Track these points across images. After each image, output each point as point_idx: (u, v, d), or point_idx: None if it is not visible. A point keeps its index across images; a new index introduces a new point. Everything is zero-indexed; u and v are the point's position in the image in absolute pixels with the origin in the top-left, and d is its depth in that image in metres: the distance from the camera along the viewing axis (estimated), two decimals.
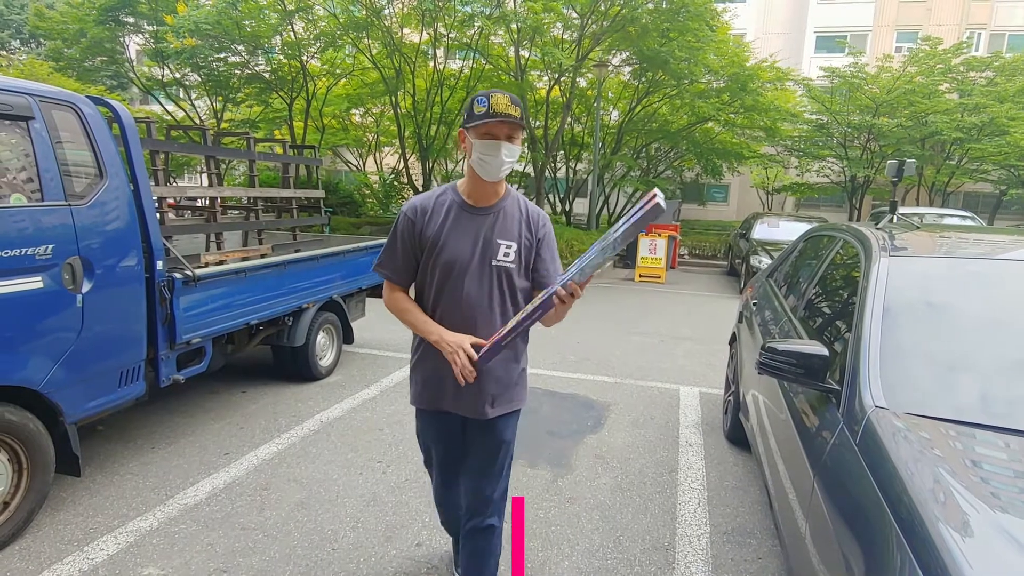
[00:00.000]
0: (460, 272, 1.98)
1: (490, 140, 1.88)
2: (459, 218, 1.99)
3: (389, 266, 2.08)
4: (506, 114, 1.84)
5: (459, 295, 1.99)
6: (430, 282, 2.03)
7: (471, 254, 1.98)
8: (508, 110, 1.85)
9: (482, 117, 1.85)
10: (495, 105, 1.85)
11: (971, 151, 17.26)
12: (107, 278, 3.05)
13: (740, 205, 26.59)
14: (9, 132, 2.70)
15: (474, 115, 1.87)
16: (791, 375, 2.12)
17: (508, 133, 1.89)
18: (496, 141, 1.88)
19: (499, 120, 1.85)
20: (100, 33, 14.65)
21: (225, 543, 2.81)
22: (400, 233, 2.03)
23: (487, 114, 1.84)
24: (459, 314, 1.99)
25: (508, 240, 2.00)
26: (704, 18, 12.49)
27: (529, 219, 2.07)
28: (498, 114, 1.84)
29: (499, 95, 1.87)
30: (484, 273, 1.99)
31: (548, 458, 3.83)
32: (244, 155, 5.33)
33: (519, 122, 1.88)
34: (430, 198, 2.03)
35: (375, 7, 12.91)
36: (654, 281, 12.18)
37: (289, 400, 4.66)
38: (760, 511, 3.28)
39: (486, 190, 2.00)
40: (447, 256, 1.97)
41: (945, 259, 2.62)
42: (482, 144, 1.89)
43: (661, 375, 5.69)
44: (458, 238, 1.98)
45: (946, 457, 1.65)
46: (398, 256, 2.06)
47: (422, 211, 2.01)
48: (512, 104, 1.86)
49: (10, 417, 2.66)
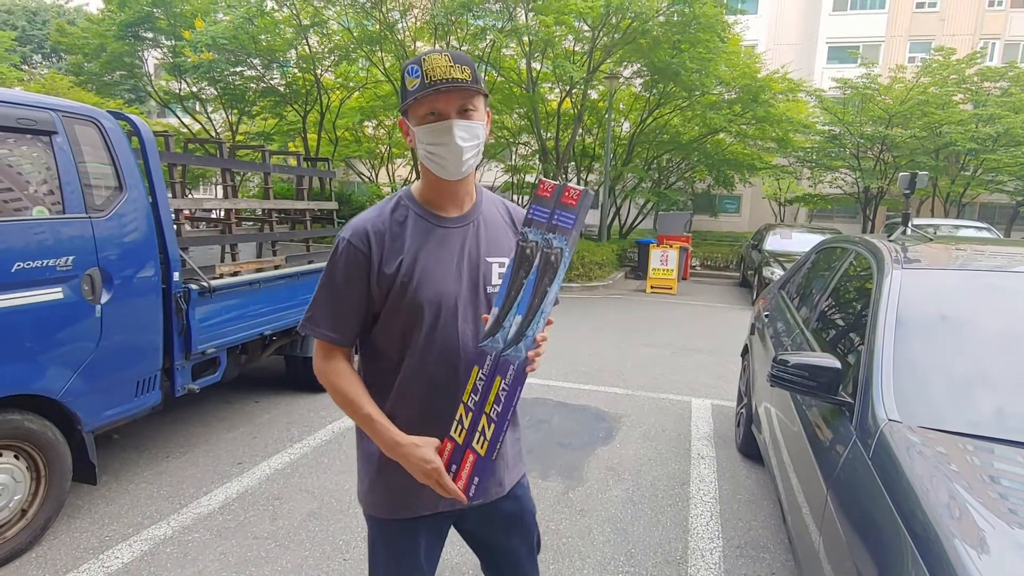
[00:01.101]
0: (448, 313, 1.39)
1: (435, 121, 1.33)
2: (429, 236, 1.41)
3: (326, 322, 1.41)
4: (449, 79, 1.28)
5: (452, 345, 1.40)
6: (402, 334, 1.41)
7: (457, 284, 1.41)
8: (451, 73, 1.29)
9: (417, 91, 1.30)
10: (431, 70, 1.29)
11: (986, 162, 17.11)
12: (125, 289, 3.10)
13: (752, 216, 26.48)
14: (33, 146, 2.76)
15: (408, 93, 1.33)
16: (803, 388, 2.11)
17: (460, 105, 1.33)
18: (444, 121, 1.32)
19: (440, 90, 1.29)
20: (120, 48, 14.93)
21: (238, 552, 2.83)
22: (344, 272, 1.39)
23: (422, 85, 1.29)
24: (452, 374, 1.40)
25: (500, 257, 1.46)
26: (715, 30, 12.52)
27: (515, 224, 1.54)
28: (437, 81, 1.28)
29: (434, 55, 1.31)
30: (479, 307, 1.43)
31: (559, 470, 3.82)
32: (259, 168, 5.41)
33: (471, 86, 1.31)
34: (382, 216, 1.42)
35: (388, 22, 13.07)
36: (666, 292, 12.15)
37: (302, 410, 4.69)
38: (773, 525, 3.25)
39: (452, 193, 1.44)
40: (428, 293, 1.37)
41: (959, 271, 2.61)
42: (426, 130, 1.33)
43: (673, 387, 5.67)
44: (436, 265, 1.40)
45: (961, 471, 1.64)
46: (342, 306, 1.41)
47: (376, 236, 1.39)
48: (455, 63, 1.30)
49: (30, 426, 2.71)
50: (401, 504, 1.46)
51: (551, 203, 1.28)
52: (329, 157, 11.17)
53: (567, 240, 1.26)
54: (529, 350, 1.28)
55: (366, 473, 1.50)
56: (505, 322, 1.29)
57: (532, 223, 1.29)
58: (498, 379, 1.28)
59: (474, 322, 1.42)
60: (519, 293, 1.28)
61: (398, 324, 1.40)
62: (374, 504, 1.49)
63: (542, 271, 1.27)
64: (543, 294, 1.27)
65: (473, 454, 1.31)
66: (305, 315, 1.45)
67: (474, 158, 1.39)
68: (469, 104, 1.34)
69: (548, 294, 1.27)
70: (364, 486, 1.51)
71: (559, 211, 1.27)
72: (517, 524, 1.62)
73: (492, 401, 1.29)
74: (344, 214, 15.70)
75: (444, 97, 1.31)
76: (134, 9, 13.96)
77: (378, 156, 21.06)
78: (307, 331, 1.43)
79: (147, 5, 13.90)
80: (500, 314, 1.29)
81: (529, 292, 1.27)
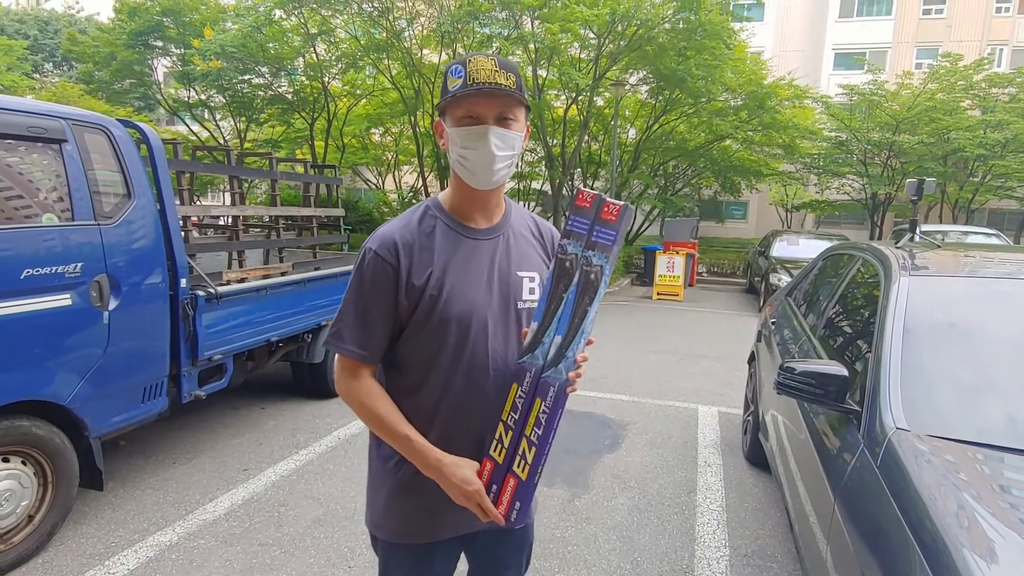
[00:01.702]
0: (479, 328, 1.33)
1: (472, 125, 1.27)
2: (458, 248, 1.35)
3: (354, 338, 1.33)
4: (492, 83, 1.24)
5: (481, 362, 1.33)
6: (429, 350, 1.34)
7: (487, 299, 1.34)
8: (496, 78, 1.24)
9: (458, 91, 1.26)
10: (475, 72, 1.24)
11: (995, 168, 17.02)
12: (133, 295, 3.12)
13: (759, 222, 26.40)
14: (43, 154, 2.79)
15: (448, 91, 1.28)
16: (810, 396, 2.10)
17: (500, 111, 1.28)
18: (481, 125, 1.27)
19: (482, 92, 1.24)
20: (129, 56, 15.08)
21: (243, 559, 2.83)
22: (371, 285, 1.32)
23: (464, 86, 1.24)
24: (480, 392, 1.33)
25: (529, 271, 1.41)
26: (721, 37, 12.53)
27: (543, 238, 1.50)
28: (480, 83, 1.24)
29: (481, 58, 1.26)
30: (509, 323, 1.37)
31: (565, 477, 3.81)
32: (267, 175, 5.43)
33: (514, 94, 1.26)
34: (409, 226, 1.35)
35: (395, 30, 13.15)
36: (672, 299, 12.12)
37: (307, 417, 4.70)
38: (781, 533, 3.22)
39: (483, 203, 1.38)
40: (458, 307, 1.31)
41: (967, 278, 2.59)
42: (461, 133, 1.28)
43: (679, 394, 5.64)
44: (466, 278, 1.33)
45: (969, 481, 1.63)
46: (370, 320, 1.33)
47: (405, 247, 1.32)
48: (501, 68, 1.25)
49: (37, 431, 2.73)
50: (419, 530, 1.40)
51: (591, 214, 1.23)
52: (336, 164, 11.22)
53: (607, 258, 1.21)
54: (569, 371, 1.22)
55: (383, 497, 1.42)
56: (544, 338, 1.24)
57: (571, 235, 1.24)
58: (538, 401, 1.24)
59: (504, 339, 1.36)
60: (559, 307, 1.24)
61: (425, 339, 1.33)
62: (391, 529, 1.42)
63: (582, 289, 1.22)
64: (583, 314, 1.22)
65: (514, 478, 1.26)
66: (330, 331, 1.37)
67: (507, 169, 1.33)
68: (509, 112, 1.29)
69: (588, 314, 1.22)
70: (377, 511, 1.44)
71: (598, 227, 1.22)
72: (523, 544, 1.59)
73: (532, 424, 1.24)
74: (351, 221, 15.80)
75: (484, 101, 1.26)
76: (144, 18, 14.13)
77: (385, 163, 21.15)
78: (333, 347, 1.35)
79: (157, 14, 14.07)
80: (539, 329, 1.25)
81: (569, 310, 1.23)
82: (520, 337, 1.35)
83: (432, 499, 1.35)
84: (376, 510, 1.44)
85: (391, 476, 1.40)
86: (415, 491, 1.37)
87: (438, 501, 1.34)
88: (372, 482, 1.46)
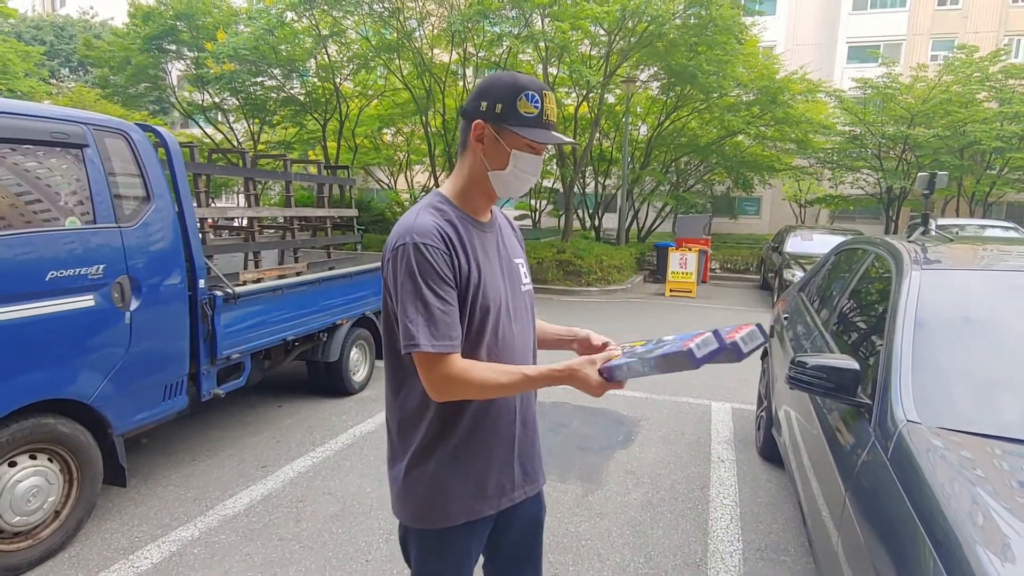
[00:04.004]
0: (503, 312, 1.45)
1: (533, 154, 1.42)
2: (476, 238, 1.44)
3: (445, 331, 1.32)
4: (555, 121, 1.42)
5: (509, 342, 1.47)
6: (469, 333, 1.40)
7: (503, 284, 1.47)
8: (554, 116, 1.42)
9: (533, 124, 1.37)
10: (549, 109, 1.39)
11: (1012, 160, 16.79)
12: (153, 296, 3.18)
13: (773, 218, 26.22)
14: (65, 159, 2.86)
15: (520, 116, 1.37)
16: (822, 389, 2.11)
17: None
18: (539, 156, 1.44)
19: (551, 130, 1.41)
20: (144, 60, 15.26)
21: (263, 553, 2.89)
22: (440, 273, 1.33)
23: (539, 121, 1.37)
24: None
25: (519, 258, 1.58)
26: (732, 32, 12.46)
27: (515, 229, 1.67)
28: (552, 124, 1.40)
29: (549, 94, 1.40)
30: (520, 306, 1.52)
31: (579, 473, 3.83)
32: (281, 176, 5.50)
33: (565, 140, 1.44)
34: (435, 216, 1.40)
35: (406, 30, 13.20)
36: (685, 296, 12.08)
37: (324, 414, 4.76)
38: (794, 528, 3.23)
39: (489, 203, 1.51)
40: (491, 292, 1.42)
41: (979, 272, 2.59)
42: (525, 159, 1.41)
43: (692, 390, 5.65)
44: (488, 265, 1.44)
45: (979, 471, 1.64)
46: (452, 308, 1.34)
47: (445, 234, 1.36)
48: (554, 104, 1.43)
49: (63, 429, 2.80)
50: (472, 508, 1.46)
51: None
52: (349, 165, 11.28)
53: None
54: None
55: (434, 495, 1.44)
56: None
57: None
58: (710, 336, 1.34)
59: (519, 320, 1.50)
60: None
61: (468, 323, 1.39)
62: (432, 518, 1.45)
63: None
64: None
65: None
66: (404, 340, 1.33)
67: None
68: None
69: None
70: (418, 503, 1.46)
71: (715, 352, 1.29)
72: (538, 526, 1.66)
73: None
74: (363, 221, 15.90)
75: (548, 136, 1.40)
76: (158, 23, 14.28)
77: (396, 163, 21.24)
78: (414, 350, 1.31)
79: (171, 19, 14.21)
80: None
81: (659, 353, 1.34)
82: (528, 318, 1.54)
83: (486, 474, 1.45)
84: (415, 504, 1.46)
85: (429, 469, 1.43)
86: (463, 472, 1.43)
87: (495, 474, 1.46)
88: (409, 477, 1.46)
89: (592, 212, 18.71)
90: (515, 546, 1.63)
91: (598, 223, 18.40)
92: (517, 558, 1.65)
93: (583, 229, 18.50)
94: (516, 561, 1.65)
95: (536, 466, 1.59)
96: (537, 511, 1.64)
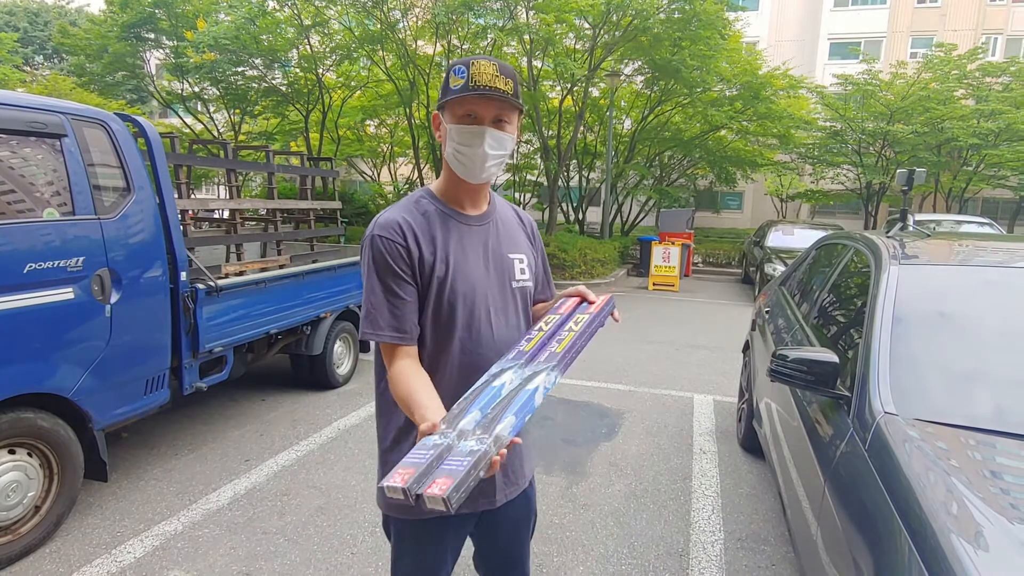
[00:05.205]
0: (481, 305, 1.44)
1: (470, 124, 1.38)
2: (454, 231, 1.45)
3: (387, 322, 1.37)
4: (492, 87, 1.34)
5: (487, 338, 1.45)
6: (436, 327, 1.42)
7: (486, 278, 1.46)
8: (495, 82, 1.35)
9: (459, 91, 1.35)
10: (477, 75, 1.34)
11: (988, 157, 17.08)
12: (134, 289, 3.15)
13: (754, 212, 26.48)
14: (43, 149, 2.81)
15: (449, 91, 1.38)
16: (802, 382, 2.15)
17: (496, 114, 1.38)
18: (478, 126, 1.37)
19: (482, 95, 1.35)
20: (122, 49, 14.97)
21: (247, 547, 2.88)
22: (386, 268, 1.37)
23: (466, 87, 1.34)
24: (486, 366, 1.36)
25: (519, 253, 1.55)
26: (716, 27, 12.52)
27: (525, 224, 1.65)
28: (481, 87, 1.34)
29: (483, 61, 1.36)
30: (507, 300, 1.50)
31: (563, 465, 3.86)
32: (263, 168, 5.45)
33: (511, 99, 1.37)
34: (407, 210, 1.44)
35: (390, 21, 13.09)
36: (668, 289, 12.18)
37: (307, 408, 4.74)
38: (774, 518, 3.29)
39: (473, 192, 1.49)
40: (462, 285, 1.42)
41: (957, 267, 2.64)
42: (459, 130, 1.38)
43: (675, 383, 5.70)
44: (464, 258, 1.44)
45: (953, 461, 1.68)
46: (398, 301, 1.38)
47: (408, 227, 1.40)
48: (501, 74, 1.35)
49: (42, 424, 2.76)
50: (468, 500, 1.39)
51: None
52: (332, 156, 11.19)
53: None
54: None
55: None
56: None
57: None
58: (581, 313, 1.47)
59: (504, 315, 1.49)
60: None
61: (433, 316, 1.42)
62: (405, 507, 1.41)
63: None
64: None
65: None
66: (362, 326, 1.40)
67: (497, 167, 1.44)
68: (505, 116, 1.40)
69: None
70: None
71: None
72: (524, 533, 1.67)
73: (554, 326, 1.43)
74: (347, 213, 15.79)
75: (484, 103, 1.36)
76: (136, 10, 14.00)
77: (380, 155, 21.11)
78: (370, 338, 1.38)
79: (149, 6, 13.94)
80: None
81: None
82: (516, 313, 1.52)
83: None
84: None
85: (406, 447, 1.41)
86: None
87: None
88: (387, 463, 1.49)
89: (576, 206, 18.76)
90: (500, 552, 1.66)
91: (582, 217, 18.45)
92: (502, 563, 1.68)
93: (567, 223, 18.54)
94: (502, 567, 1.68)
95: (517, 468, 1.57)
96: (525, 515, 1.65)
